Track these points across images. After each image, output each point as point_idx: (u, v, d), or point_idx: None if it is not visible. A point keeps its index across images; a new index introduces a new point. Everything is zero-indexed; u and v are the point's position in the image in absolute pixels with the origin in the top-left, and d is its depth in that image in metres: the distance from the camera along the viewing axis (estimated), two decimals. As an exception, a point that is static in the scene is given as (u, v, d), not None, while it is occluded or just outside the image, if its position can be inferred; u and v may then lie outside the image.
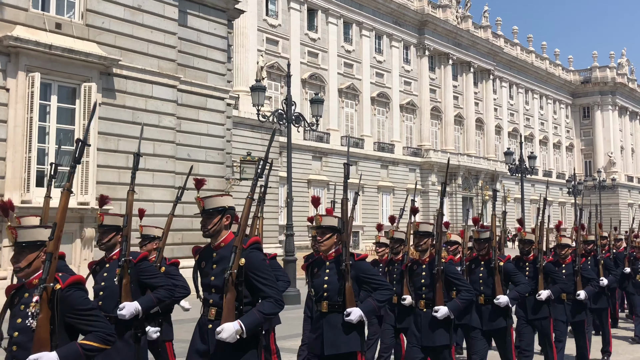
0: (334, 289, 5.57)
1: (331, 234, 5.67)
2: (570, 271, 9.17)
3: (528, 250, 8.81)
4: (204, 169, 19.45)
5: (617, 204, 76.74)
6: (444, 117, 59.91)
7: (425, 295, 6.70)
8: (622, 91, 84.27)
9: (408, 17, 55.88)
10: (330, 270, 5.65)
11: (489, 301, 7.69)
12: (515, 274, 7.87)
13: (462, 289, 6.67)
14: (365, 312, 5.50)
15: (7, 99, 15.33)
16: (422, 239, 6.83)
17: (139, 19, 18.15)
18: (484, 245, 7.86)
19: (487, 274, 7.79)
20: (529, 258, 8.75)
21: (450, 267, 6.76)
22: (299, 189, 42.39)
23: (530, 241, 8.83)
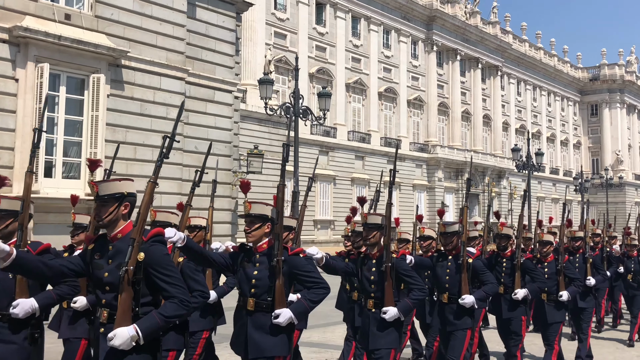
0: (264, 285, 5.13)
1: (261, 223, 5.24)
2: (553, 270, 8.70)
3: (505, 245, 8.51)
4: (210, 161, 19.40)
5: (624, 202, 76.42)
6: (451, 113, 59.76)
7: (374, 295, 6.23)
8: (630, 89, 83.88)
9: (416, 12, 55.71)
10: (260, 264, 5.20)
11: (454, 300, 7.12)
12: (484, 273, 7.28)
13: (414, 287, 6.17)
14: (296, 313, 5.08)
15: (16, 89, 15.37)
16: (370, 232, 6.29)
17: (148, 11, 18.16)
18: (451, 239, 7.17)
19: (454, 270, 7.14)
20: (506, 254, 8.46)
21: (402, 263, 6.25)
22: (306, 183, 42.34)
23: (507, 236, 8.53)
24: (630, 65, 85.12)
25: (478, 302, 7.17)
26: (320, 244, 41.23)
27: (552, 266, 8.74)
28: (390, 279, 6.08)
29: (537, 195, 68.17)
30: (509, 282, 8.25)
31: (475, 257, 7.47)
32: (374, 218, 6.35)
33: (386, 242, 6.17)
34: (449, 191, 55.99)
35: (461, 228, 7.20)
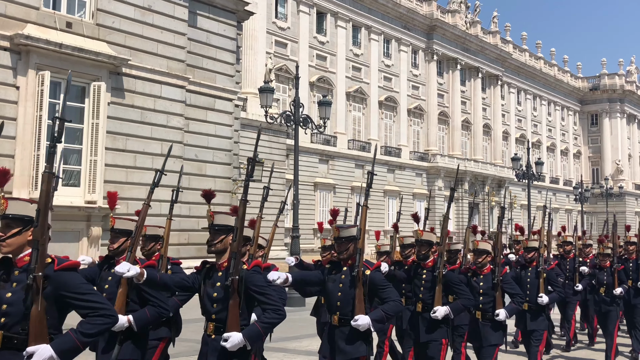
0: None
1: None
2: (489, 284, 7.47)
3: (425, 254, 7.20)
4: (211, 169, 19.50)
5: (624, 212, 76.38)
6: (451, 122, 59.84)
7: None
8: (630, 99, 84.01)
9: (417, 21, 55.89)
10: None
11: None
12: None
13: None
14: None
15: (17, 97, 15.41)
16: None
17: (149, 19, 18.23)
18: (346, 246, 6.06)
19: (348, 285, 5.81)
20: (427, 264, 7.21)
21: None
22: (306, 192, 42.39)
23: (428, 242, 7.27)
24: (630, 75, 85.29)
25: (375, 325, 5.67)
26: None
27: (487, 280, 7.51)
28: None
29: (537, 205, 68.13)
30: (428, 297, 6.96)
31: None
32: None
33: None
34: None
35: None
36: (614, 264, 10.51)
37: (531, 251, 8.95)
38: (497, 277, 7.46)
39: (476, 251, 7.54)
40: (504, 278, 7.51)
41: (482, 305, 7.45)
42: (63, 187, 16.11)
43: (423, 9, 56.98)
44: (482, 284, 7.49)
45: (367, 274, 5.54)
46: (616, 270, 10.48)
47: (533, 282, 8.63)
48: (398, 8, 53.47)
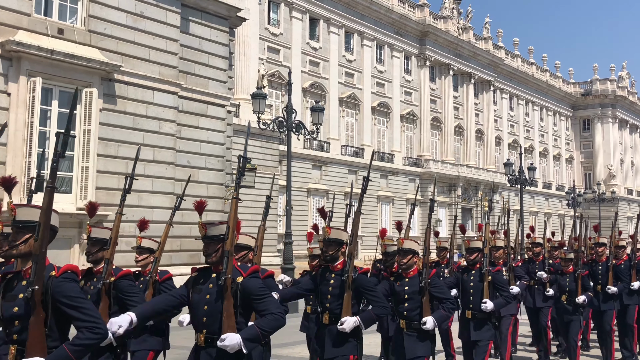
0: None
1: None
2: (415, 288, 6.63)
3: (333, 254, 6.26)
4: (203, 176, 19.45)
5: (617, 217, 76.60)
6: (444, 128, 59.97)
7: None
8: (622, 104, 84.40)
9: (409, 27, 56.04)
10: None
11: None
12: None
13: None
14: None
15: (8, 104, 15.34)
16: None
17: (141, 26, 18.19)
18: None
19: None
20: (335, 267, 6.36)
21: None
22: (299, 198, 42.36)
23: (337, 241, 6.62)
24: (622, 81, 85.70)
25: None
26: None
27: (414, 283, 6.63)
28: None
29: (530, 210, 68.32)
30: (335, 307, 5.98)
31: None
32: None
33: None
34: (442, 205, 56.04)
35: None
36: (578, 269, 9.69)
37: (474, 252, 8.05)
38: (424, 279, 6.52)
39: (401, 251, 6.70)
40: (432, 281, 6.58)
41: (407, 312, 6.58)
42: (55, 194, 16.02)
43: (415, 15, 57.14)
44: (407, 288, 6.63)
45: (238, 281, 4.56)
46: (580, 275, 9.63)
47: (477, 287, 7.80)
48: (390, 14, 53.61)
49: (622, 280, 10.51)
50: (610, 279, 10.38)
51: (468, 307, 7.74)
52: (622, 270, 10.63)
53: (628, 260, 10.94)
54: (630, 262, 10.89)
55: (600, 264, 10.76)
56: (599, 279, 10.53)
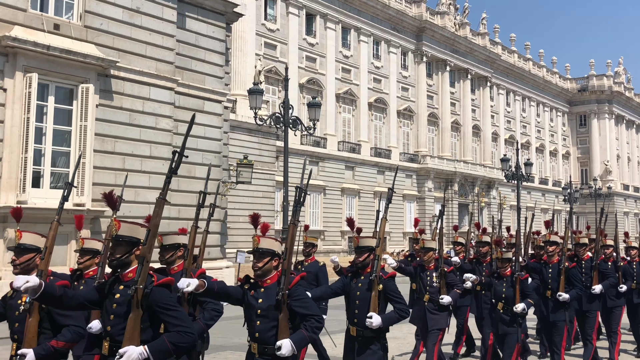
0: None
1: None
2: (365, 287, 6.31)
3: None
4: (200, 171, 19.43)
5: (613, 213, 76.66)
6: (441, 124, 59.98)
7: None
8: (618, 100, 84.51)
9: (406, 23, 56.00)
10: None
11: None
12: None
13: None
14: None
15: (5, 99, 15.31)
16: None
17: (137, 21, 18.15)
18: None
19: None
20: None
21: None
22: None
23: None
24: (618, 76, 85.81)
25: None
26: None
27: (364, 282, 6.33)
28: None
29: (526, 205, 68.40)
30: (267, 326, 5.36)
31: None
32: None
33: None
34: (438, 201, 56.09)
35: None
36: (516, 272, 8.22)
37: (428, 252, 8.50)
38: (375, 272, 6.25)
39: (357, 249, 6.48)
40: (387, 284, 6.30)
41: (356, 316, 6.30)
42: (51, 190, 16.01)
43: (412, 10, 57.09)
44: (360, 287, 6.43)
45: None
46: (518, 279, 8.14)
47: (431, 283, 8.45)
48: (387, 10, 53.56)
49: (574, 285, 9.03)
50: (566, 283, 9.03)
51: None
52: (574, 273, 9.15)
53: (590, 260, 10.20)
54: (591, 263, 9.96)
55: (550, 265, 9.24)
56: (548, 284, 9.12)
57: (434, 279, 8.51)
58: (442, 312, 8.51)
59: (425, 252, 8.72)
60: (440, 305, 8.43)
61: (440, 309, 8.48)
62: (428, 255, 8.70)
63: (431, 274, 8.58)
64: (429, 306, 8.49)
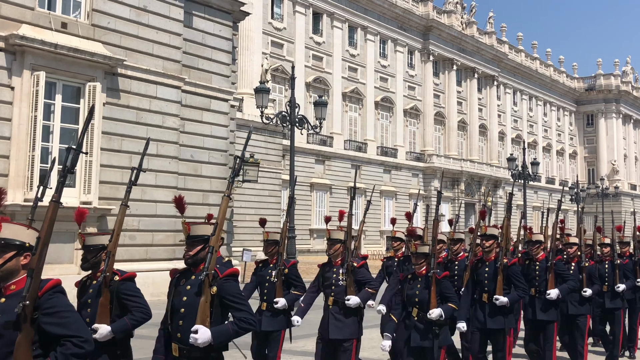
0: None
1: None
2: None
3: None
4: (206, 170, 19.46)
5: (620, 212, 76.50)
6: (447, 123, 59.90)
7: None
8: (626, 99, 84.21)
9: (413, 22, 55.93)
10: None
11: None
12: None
13: None
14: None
15: (12, 97, 15.35)
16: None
17: (145, 20, 18.18)
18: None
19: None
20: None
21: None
22: (302, 192, 42.39)
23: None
24: (625, 76, 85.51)
25: None
26: (316, 253, 41.21)
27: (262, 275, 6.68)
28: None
29: (532, 205, 68.24)
30: None
31: None
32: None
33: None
34: (445, 200, 56.04)
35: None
36: (431, 269, 7.03)
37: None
38: (279, 268, 6.72)
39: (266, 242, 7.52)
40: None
41: None
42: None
43: (419, 9, 57.02)
44: None
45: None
46: (434, 276, 6.81)
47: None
48: (394, 9, 53.50)
49: (517, 287, 7.73)
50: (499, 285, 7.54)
51: None
52: (514, 271, 7.69)
53: (544, 260, 8.72)
54: (546, 263, 8.70)
55: (487, 263, 7.82)
56: (485, 287, 7.67)
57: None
58: (348, 317, 7.06)
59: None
60: (347, 308, 7.02)
61: (346, 314, 7.05)
62: None
63: (337, 270, 7.16)
64: (333, 310, 7.07)
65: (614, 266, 10.08)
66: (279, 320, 7.42)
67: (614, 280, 10.04)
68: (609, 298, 10.18)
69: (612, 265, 10.23)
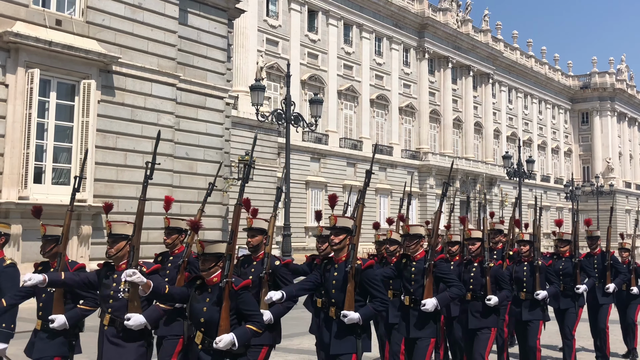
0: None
1: None
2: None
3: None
4: (202, 168, 19.43)
5: (615, 210, 76.74)
6: (442, 121, 59.93)
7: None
8: (621, 97, 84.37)
9: (408, 19, 55.93)
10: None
11: None
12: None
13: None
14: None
15: (6, 95, 15.32)
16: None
17: (140, 17, 18.15)
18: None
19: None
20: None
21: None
22: (297, 190, 42.36)
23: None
24: (620, 74, 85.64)
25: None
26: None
27: None
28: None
29: (527, 203, 68.33)
30: None
31: None
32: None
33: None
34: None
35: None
36: None
37: None
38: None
39: None
40: None
41: None
42: (53, 186, 16.03)
43: (414, 7, 57.02)
44: None
45: None
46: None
47: None
48: (389, 6, 53.49)
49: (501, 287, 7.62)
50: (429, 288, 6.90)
51: None
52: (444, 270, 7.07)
53: (480, 262, 7.77)
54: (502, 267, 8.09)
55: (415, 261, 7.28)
56: (410, 291, 7.04)
57: None
58: None
59: None
60: None
61: None
62: None
63: None
64: None
65: (534, 268, 8.37)
66: None
67: (533, 286, 8.32)
68: (527, 308, 8.37)
69: (531, 267, 8.43)
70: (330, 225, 5.94)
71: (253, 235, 6.47)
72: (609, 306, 10.31)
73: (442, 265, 6.89)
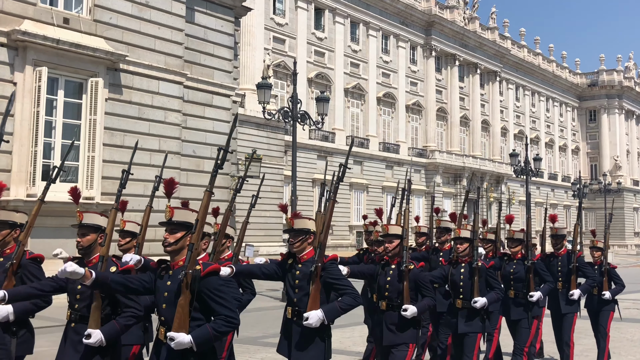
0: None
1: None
2: None
3: None
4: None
5: (623, 208, 76.49)
6: (449, 118, 59.83)
7: None
8: (628, 95, 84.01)
9: (415, 17, 55.83)
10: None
11: None
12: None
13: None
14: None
15: (15, 93, 15.38)
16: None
17: (147, 15, 18.20)
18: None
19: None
20: None
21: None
22: (304, 188, 42.39)
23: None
24: (628, 71, 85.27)
25: None
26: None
27: None
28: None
29: (535, 201, 68.17)
30: None
31: None
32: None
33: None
34: (447, 196, 56.04)
35: None
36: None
37: None
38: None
39: None
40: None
41: None
42: (60, 183, 16.08)
43: (421, 4, 56.92)
44: None
45: None
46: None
47: None
48: (396, 4, 53.41)
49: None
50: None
51: None
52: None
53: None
54: None
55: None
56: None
57: None
58: None
59: None
60: None
61: None
62: None
63: None
64: None
65: (472, 270, 7.21)
66: None
67: (471, 292, 7.26)
68: (463, 317, 7.34)
69: (469, 268, 7.32)
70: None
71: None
72: (574, 315, 9.02)
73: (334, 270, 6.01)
